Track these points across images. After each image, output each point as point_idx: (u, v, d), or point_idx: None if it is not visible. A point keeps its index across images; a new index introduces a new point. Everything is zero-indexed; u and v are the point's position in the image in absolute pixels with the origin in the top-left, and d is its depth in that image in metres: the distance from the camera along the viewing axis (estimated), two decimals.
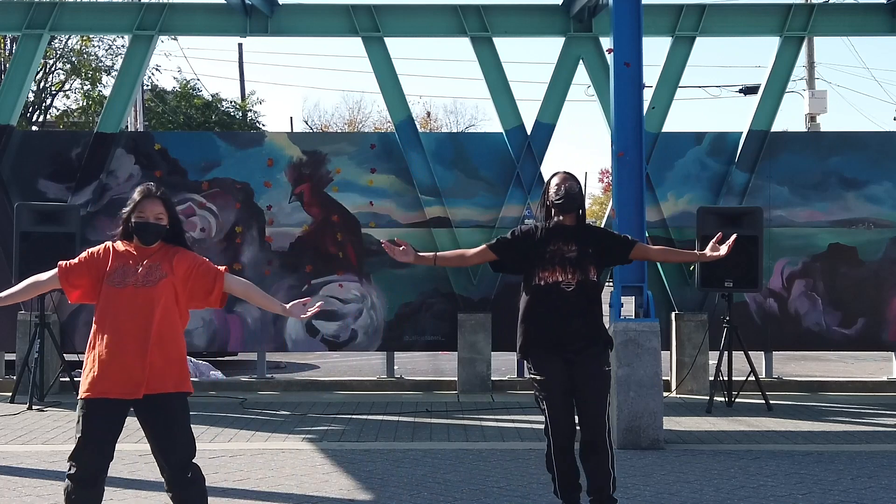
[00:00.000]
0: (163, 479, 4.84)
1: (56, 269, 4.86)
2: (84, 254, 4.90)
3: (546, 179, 5.82)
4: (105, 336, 4.70)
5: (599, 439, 5.56)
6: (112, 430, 4.69)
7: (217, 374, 11.99)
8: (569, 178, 5.73)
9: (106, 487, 4.87)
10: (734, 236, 5.66)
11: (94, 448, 4.64)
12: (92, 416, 4.64)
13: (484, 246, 5.77)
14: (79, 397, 4.71)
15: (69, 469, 4.68)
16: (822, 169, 11.09)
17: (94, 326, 4.77)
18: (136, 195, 4.83)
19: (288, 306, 4.93)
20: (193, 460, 4.81)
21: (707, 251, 5.64)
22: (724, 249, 5.53)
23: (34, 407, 9.71)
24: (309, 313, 4.92)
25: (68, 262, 4.88)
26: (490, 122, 63.57)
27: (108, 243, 4.91)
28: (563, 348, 5.49)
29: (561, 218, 5.62)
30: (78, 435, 4.65)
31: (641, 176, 8.31)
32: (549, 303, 5.49)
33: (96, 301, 4.79)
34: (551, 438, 5.62)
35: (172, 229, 4.86)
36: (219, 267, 4.94)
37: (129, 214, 4.81)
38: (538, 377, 5.55)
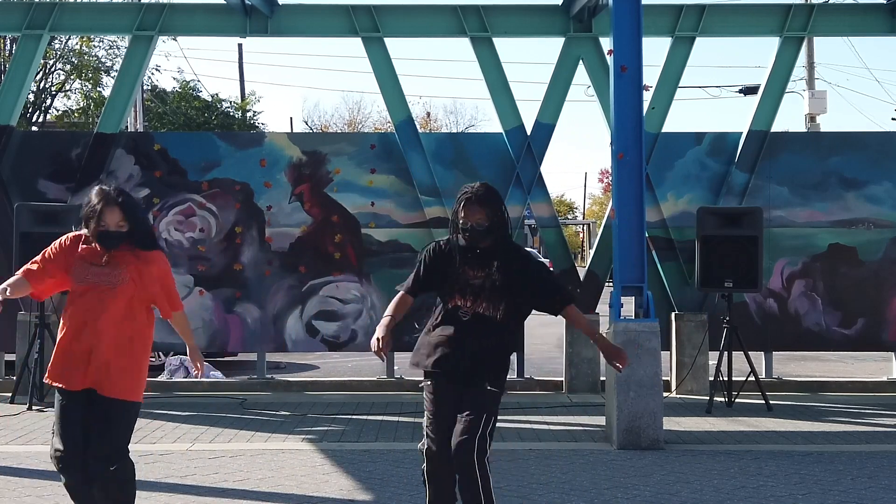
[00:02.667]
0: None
1: (22, 274, 4.92)
2: (50, 249, 4.95)
3: (460, 192, 5.08)
4: (66, 328, 4.89)
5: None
6: (74, 417, 4.83)
7: (217, 375, 11.98)
8: (479, 205, 4.96)
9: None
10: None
11: (65, 432, 4.80)
12: (61, 402, 4.86)
13: (401, 293, 5.26)
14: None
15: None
16: (821, 169, 11.09)
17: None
18: (94, 201, 4.78)
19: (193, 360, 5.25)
20: (124, 459, 4.88)
21: (610, 351, 5.10)
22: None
23: (34, 407, 9.71)
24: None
25: (30, 267, 4.95)
26: (490, 123, 63.67)
27: (74, 237, 4.97)
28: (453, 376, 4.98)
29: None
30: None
31: (641, 176, 8.32)
32: (445, 325, 5.04)
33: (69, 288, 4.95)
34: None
35: (137, 232, 4.85)
36: (179, 300, 5.23)
37: (88, 221, 4.81)
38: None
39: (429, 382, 5.06)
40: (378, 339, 4.98)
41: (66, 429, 4.81)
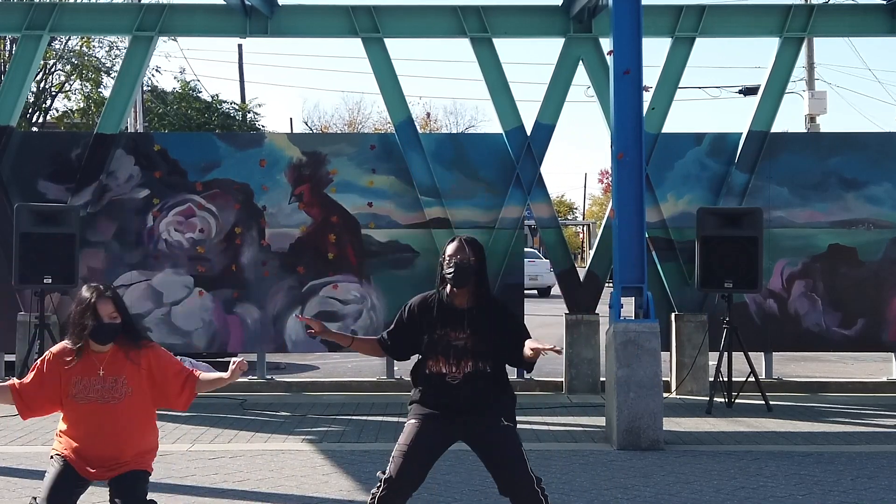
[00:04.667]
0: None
1: (9, 386, 4.78)
2: (35, 372, 4.77)
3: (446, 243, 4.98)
4: (74, 440, 4.70)
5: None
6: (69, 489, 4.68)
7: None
8: (462, 247, 4.85)
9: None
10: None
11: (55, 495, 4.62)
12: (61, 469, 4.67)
13: (375, 341, 5.21)
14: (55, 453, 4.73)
15: None
16: (821, 169, 11.09)
17: (63, 424, 4.76)
18: (86, 296, 4.70)
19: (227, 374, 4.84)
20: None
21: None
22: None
23: None
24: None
25: (21, 382, 4.78)
26: (490, 123, 63.64)
27: (59, 349, 4.77)
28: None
29: (454, 291, 4.86)
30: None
31: (641, 177, 8.32)
32: (436, 394, 4.93)
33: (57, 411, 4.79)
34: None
35: (127, 324, 4.77)
36: (192, 370, 4.92)
37: (79, 318, 4.69)
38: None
39: (417, 417, 4.95)
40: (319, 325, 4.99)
41: (59, 493, 4.61)
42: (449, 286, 4.87)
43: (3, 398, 4.78)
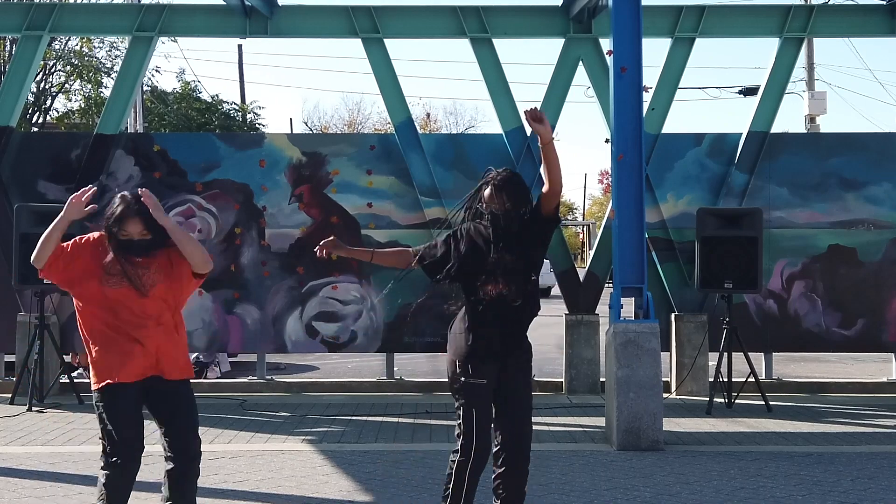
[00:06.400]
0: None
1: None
2: (81, 243, 4.86)
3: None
4: (100, 337, 4.78)
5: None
6: (131, 407, 4.81)
7: (226, 368, 12.17)
8: (500, 193, 5.00)
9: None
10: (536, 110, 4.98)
11: (127, 422, 4.79)
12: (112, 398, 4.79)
13: (405, 251, 5.35)
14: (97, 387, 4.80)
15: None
16: (821, 170, 11.09)
17: (88, 321, 4.81)
18: (117, 209, 4.77)
19: None
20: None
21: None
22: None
23: (34, 408, 9.72)
24: None
25: (69, 245, 4.85)
26: (490, 124, 63.74)
27: (100, 236, 4.88)
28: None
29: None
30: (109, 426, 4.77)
31: (641, 177, 8.32)
32: (494, 319, 5.04)
33: (76, 291, 4.83)
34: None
35: (156, 236, 4.82)
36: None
37: (110, 229, 4.78)
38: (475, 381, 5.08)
39: (472, 383, 5.04)
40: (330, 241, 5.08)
41: (128, 419, 4.76)
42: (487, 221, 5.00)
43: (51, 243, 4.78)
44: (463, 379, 5.03)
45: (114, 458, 4.75)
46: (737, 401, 9.89)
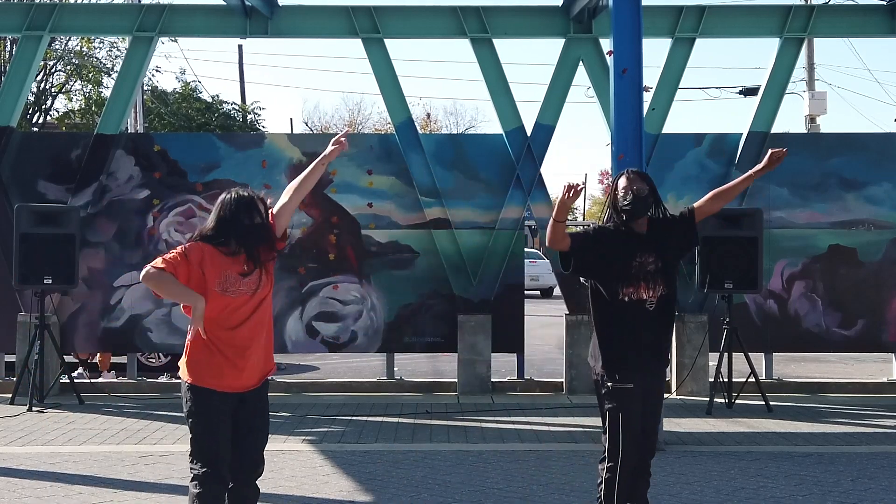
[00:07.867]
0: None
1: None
2: (187, 254, 4.67)
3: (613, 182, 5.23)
4: (214, 339, 4.68)
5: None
6: (224, 421, 4.70)
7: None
8: (636, 178, 5.14)
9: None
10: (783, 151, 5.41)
11: (221, 436, 4.68)
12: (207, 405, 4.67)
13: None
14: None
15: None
16: (821, 170, 11.09)
17: (200, 331, 4.64)
18: (231, 201, 4.70)
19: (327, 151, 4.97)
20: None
21: (758, 166, 5.36)
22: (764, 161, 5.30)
23: (34, 408, 9.71)
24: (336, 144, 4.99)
25: (171, 267, 4.63)
26: (490, 124, 63.72)
27: (199, 246, 4.71)
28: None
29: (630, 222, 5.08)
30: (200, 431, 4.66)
31: None
32: (633, 325, 5.01)
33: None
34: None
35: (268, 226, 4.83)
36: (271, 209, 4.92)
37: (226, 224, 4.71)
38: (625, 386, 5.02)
39: (618, 397, 4.99)
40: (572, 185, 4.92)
41: (220, 433, 4.64)
42: (625, 217, 5.05)
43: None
44: (610, 384, 5.04)
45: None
46: (737, 401, 9.89)
